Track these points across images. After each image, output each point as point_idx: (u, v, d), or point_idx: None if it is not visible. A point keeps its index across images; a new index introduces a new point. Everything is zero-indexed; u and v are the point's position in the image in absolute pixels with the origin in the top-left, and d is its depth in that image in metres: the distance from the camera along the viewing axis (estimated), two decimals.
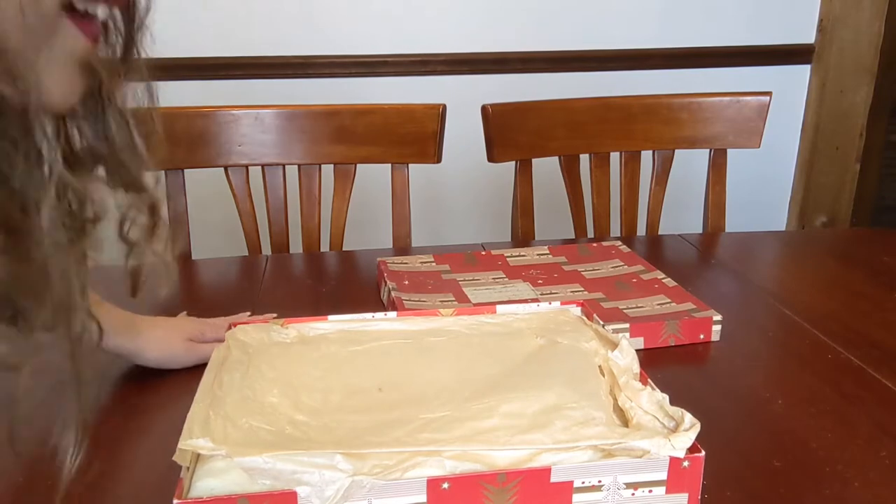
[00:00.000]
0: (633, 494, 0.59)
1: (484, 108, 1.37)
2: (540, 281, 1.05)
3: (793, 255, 1.30)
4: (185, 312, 0.96)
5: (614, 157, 1.46)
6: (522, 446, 0.60)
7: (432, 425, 0.63)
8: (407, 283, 1.04)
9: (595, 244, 1.19)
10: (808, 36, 2.23)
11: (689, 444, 0.59)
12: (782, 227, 2.39)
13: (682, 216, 1.70)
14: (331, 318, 0.82)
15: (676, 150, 1.47)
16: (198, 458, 0.60)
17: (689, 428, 0.60)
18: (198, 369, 0.85)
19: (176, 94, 1.94)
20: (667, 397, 0.65)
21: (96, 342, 0.51)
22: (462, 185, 2.14)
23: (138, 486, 0.67)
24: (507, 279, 1.06)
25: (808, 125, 2.30)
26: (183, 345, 0.87)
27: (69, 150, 0.48)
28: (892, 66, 2.27)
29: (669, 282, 1.04)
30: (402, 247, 1.37)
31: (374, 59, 2.05)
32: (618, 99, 1.45)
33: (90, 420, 0.62)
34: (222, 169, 1.35)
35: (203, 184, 1.45)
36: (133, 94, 0.56)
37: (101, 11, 0.47)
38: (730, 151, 1.47)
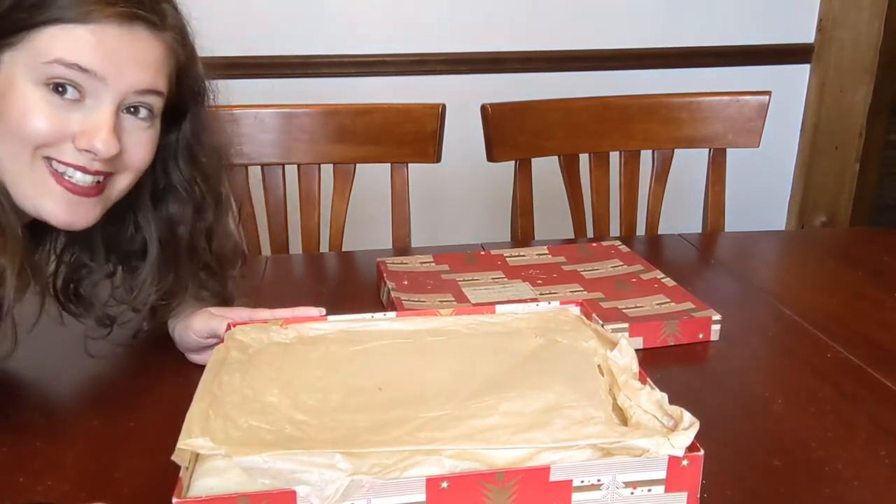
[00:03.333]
0: (632, 493, 0.59)
1: (483, 108, 1.37)
2: (539, 281, 1.05)
3: (792, 255, 1.30)
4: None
5: (613, 156, 1.46)
6: (522, 445, 0.60)
7: (432, 424, 0.63)
8: (406, 283, 1.04)
9: (594, 244, 1.19)
10: (807, 35, 2.22)
11: (688, 442, 0.59)
12: (782, 227, 2.39)
13: (682, 216, 1.70)
14: (330, 318, 0.82)
15: (676, 150, 1.46)
16: (197, 457, 0.60)
17: (689, 427, 0.60)
18: (198, 369, 0.85)
19: None
20: (666, 396, 0.65)
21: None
22: (461, 184, 2.14)
23: (138, 486, 0.67)
24: (506, 279, 1.06)
25: (807, 125, 2.30)
26: (189, 341, 0.87)
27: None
28: (892, 65, 2.27)
29: (669, 281, 1.04)
30: (402, 247, 1.37)
31: (373, 59, 2.05)
32: (617, 98, 1.45)
33: None
34: None
35: None
36: None
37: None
38: (729, 151, 1.46)
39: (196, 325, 0.84)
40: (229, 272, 0.91)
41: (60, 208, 0.73)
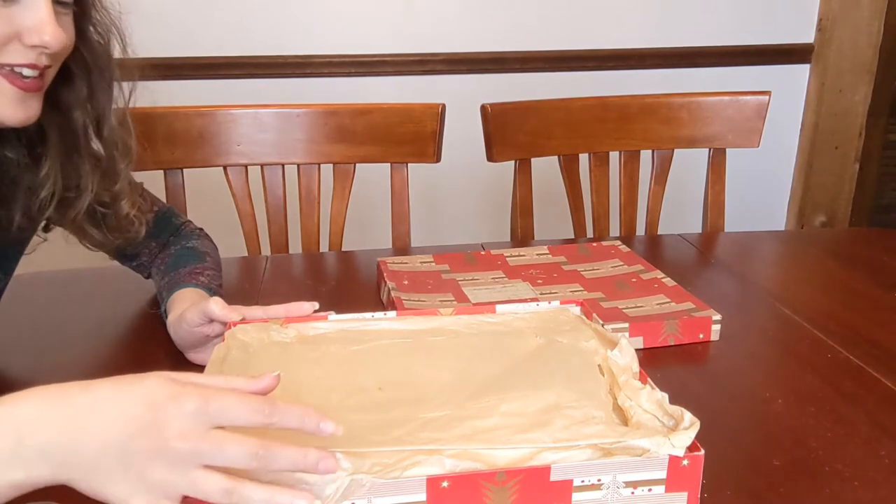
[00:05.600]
0: (632, 493, 0.59)
1: (483, 108, 1.37)
2: (539, 281, 1.05)
3: (792, 255, 1.30)
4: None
5: (613, 156, 1.46)
6: (523, 444, 0.60)
7: (432, 424, 0.63)
8: (406, 282, 1.04)
9: (595, 244, 1.19)
10: (807, 35, 2.23)
11: (688, 442, 0.59)
12: (781, 227, 2.40)
13: (682, 216, 1.70)
14: (331, 317, 0.82)
15: (675, 150, 1.47)
16: None
17: (689, 426, 0.60)
18: (197, 369, 0.85)
19: (176, 94, 1.94)
20: (666, 396, 0.65)
21: None
22: (461, 184, 2.14)
23: None
24: (506, 279, 1.06)
25: (807, 125, 2.30)
26: (185, 335, 0.87)
27: None
28: (891, 65, 2.27)
29: (669, 281, 1.04)
30: (402, 246, 1.37)
31: (373, 59, 2.05)
32: (617, 98, 1.45)
33: None
34: (221, 169, 1.35)
35: (202, 183, 1.45)
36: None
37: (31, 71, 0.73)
38: (729, 151, 1.47)
39: (189, 316, 0.84)
40: (119, 166, 0.90)
41: (15, 107, 0.75)
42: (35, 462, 0.53)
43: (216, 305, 0.81)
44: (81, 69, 0.84)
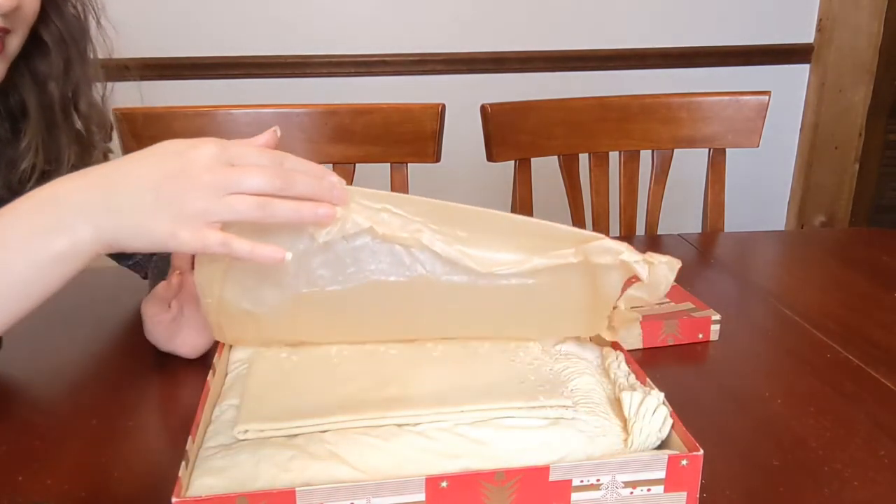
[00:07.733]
0: (631, 493, 0.59)
1: (483, 108, 1.37)
2: None
3: (792, 255, 1.30)
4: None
5: (613, 156, 1.46)
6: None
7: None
8: None
9: None
10: (807, 35, 2.23)
11: (668, 275, 0.67)
12: (781, 227, 2.40)
13: (681, 216, 1.70)
14: None
15: (675, 150, 1.46)
16: (196, 455, 0.60)
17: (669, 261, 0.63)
18: (195, 368, 0.85)
19: (175, 94, 1.94)
20: (662, 395, 0.65)
21: None
22: (461, 184, 2.14)
23: (137, 485, 0.67)
24: None
25: (807, 125, 2.30)
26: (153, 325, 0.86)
27: None
28: (891, 65, 2.27)
29: None
30: None
31: (372, 59, 2.05)
32: (617, 98, 1.44)
33: None
34: None
35: None
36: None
37: None
38: (729, 151, 1.46)
39: (147, 308, 0.84)
40: (95, 138, 0.91)
41: None
42: (76, 223, 0.56)
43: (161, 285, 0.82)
44: (56, 41, 0.84)
